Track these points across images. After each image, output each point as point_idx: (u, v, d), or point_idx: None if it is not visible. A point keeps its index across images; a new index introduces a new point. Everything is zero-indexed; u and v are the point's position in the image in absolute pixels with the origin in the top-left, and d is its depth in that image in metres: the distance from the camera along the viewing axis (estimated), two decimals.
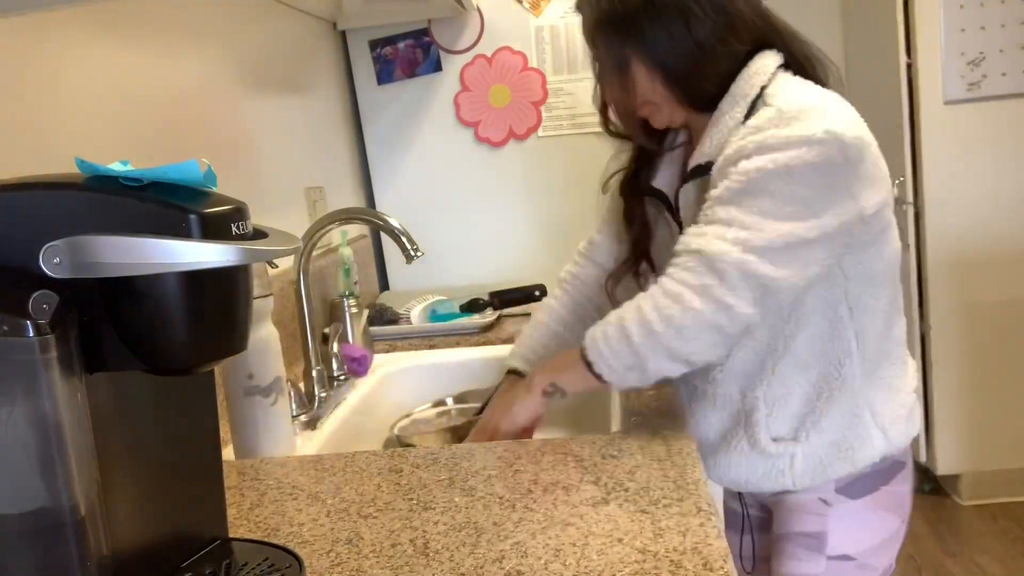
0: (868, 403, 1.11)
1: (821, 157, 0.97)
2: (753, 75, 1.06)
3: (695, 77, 1.08)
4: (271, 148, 1.63)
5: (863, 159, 1.01)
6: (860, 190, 1.01)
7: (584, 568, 0.73)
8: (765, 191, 0.98)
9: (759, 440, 1.12)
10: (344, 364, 1.46)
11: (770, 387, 1.10)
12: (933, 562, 2.56)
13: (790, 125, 0.99)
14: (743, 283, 0.96)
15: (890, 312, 1.13)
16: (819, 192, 0.99)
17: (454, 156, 2.19)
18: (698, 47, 1.05)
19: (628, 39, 1.07)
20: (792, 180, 0.97)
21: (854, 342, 1.09)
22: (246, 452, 1.11)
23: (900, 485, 1.17)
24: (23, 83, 0.97)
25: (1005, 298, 2.75)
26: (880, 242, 1.08)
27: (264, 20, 1.67)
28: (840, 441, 1.11)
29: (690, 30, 1.05)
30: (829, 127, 0.98)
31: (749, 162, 0.99)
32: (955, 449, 2.83)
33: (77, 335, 0.58)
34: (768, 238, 0.96)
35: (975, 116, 2.66)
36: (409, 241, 1.32)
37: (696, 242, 0.99)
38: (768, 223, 0.97)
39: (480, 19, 2.12)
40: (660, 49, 1.06)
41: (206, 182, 0.61)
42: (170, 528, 0.71)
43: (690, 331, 0.97)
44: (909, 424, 1.16)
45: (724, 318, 0.97)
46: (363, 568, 0.77)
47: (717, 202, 1.00)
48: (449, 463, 1.00)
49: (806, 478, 1.12)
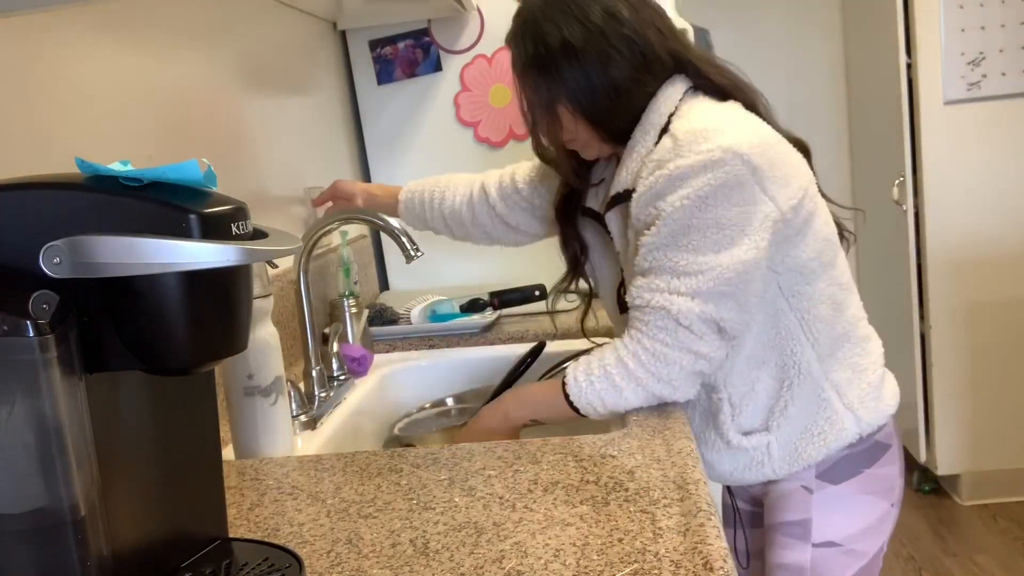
0: (833, 386, 1.15)
1: (728, 176, 1.02)
2: (661, 104, 1.12)
3: (613, 116, 1.14)
4: (271, 148, 1.63)
5: (768, 163, 1.05)
6: (774, 192, 1.05)
7: (584, 568, 0.73)
8: (690, 227, 1.04)
9: (729, 438, 1.16)
10: (344, 364, 1.46)
11: (732, 387, 1.15)
12: (933, 562, 2.56)
13: (690, 151, 1.04)
14: (708, 330, 1.06)
15: (835, 295, 1.15)
16: (739, 210, 1.03)
17: (454, 156, 2.19)
18: (614, 88, 1.11)
19: (552, 82, 1.13)
20: (709, 207, 1.03)
21: (800, 330, 1.13)
22: (246, 452, 1.11)
23: (885, 467, 1.19)
24: (23, 83, 0.97)
25: (1005, 298, 2.75)
26: (805, 232, 1.11)
27: (264, 20, 1.67)
28: (811, 426, 1.15)
29: (608, 72, 1.11)
30: (725, 144, 1.03)
31: (665, 203, 1.05)
32: (955, 449, 2.83)
33: (77, 335, 0.58)
34: (713, 278, 1.03)
35: (975, 116, 2.67)
36: (409, 241, 1.32)
37: (656, 299, 1.06)
38: (707, 260, 1.03)
39: (480, 19, 2.12)
40: (579, 91, 1.12)
41: (206, 182, 0.61)
42: (170, 528, 0.71)
43: (678, 381, 1.08)
44: (880, 402, 1.18)
45: (704, 364, 1.08)
46: (363, 568, 0.77)
47: (655, 248, 1.07)
48: (449, 463, 1.00)
49: (785, 465, 1.16)
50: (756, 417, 1.16)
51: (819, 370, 1.14)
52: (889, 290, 2.90)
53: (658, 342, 1.06)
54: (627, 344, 1.09)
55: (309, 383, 1.34)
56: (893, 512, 1.22)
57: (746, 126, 1.09)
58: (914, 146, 2.71)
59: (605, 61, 1.10)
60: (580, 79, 1.11)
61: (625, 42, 1.10)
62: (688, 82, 1.14)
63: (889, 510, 1.21)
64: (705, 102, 1.13)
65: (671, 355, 1.06)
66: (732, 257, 1.03)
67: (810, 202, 1.11)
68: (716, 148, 1.03)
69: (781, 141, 1.11)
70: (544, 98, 1.15)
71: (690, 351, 1.06)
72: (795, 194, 1.08)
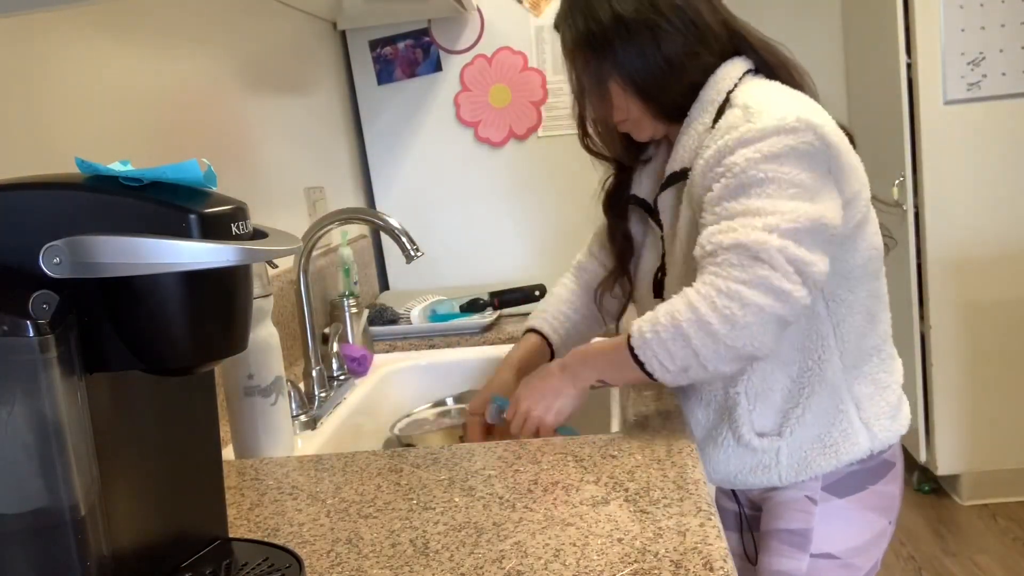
0: (853, 398, 1.12)
1: (800, 142, 0.99)
2: (720, 81, 1.10)
3: (667, 91, 1.11)
4: (271, 148, 1.63)
5: (838, 148, 1.03)
6: (841, 176, 1.04)
7: (584, 568, 0.73)
8: (764, 179, 0.99)
9: (743, 435, 1.13)
10: (344, 364, 1.46)
11: (751, 382, 1.11)
12: (933, 562, 2.56)
13: (760, 118, 1.01)
14: (791, 268, 0.95)
15: (872, 307, 1.14)
16: (812, 175, 1.00)
17: (454, 156, 2.19)
18: (668, 63, 1.09)
19: (603, 59, 1.11)
20: (781, 163, 0.99)
21: (832, 337, 1.10)
22: (246, 452, 1.11)
23: (888, 485, 1.18)
24: (23, 83, 0.97)
25: (1005, 298, 2.75)
26: (856, 236, 1.09)
27: (264, 20, 1.67)
28: (824, 436, 1.12)
29: (660, 47, 1.09)
30: (800, 115, 1.00)
31: (733, 156, 1.00)
32: (955, 449, 2.83)
33: (77, 335, 0.58)
34: (792, 220, 0.96)
35: (975, 116, 2.66)
36: (409, 241, 1.32)
37: (729, 237, 0.96)
38: (784, 204, 0.97)
39: (480, 19, 2.12)
40: (632, 67, 1.10)
41: (206, 182, 0.61)
42: (170, 528, 0.71)
43: (755, 327, 0.95)
44: (895, 422, 1.16)
45: (786, 307, 0.95)
46: (363, 568, 0.77)
47: (723, 199, 1.00)
48: (449, 463, 1.00)
49: (791, 473, 1.14)
50: (770, 419, 1.12)
51: (842, 380, 1.11)
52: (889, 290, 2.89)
53: (733, 280, 0.95)
54: (698, 288, 0.98)
55: (309, 383, 1.34)
56: (890, 530, 1.20)
57: (819, 111, 1.06)
58: (914, 146, 2.71)
59: (657, 34, 1.08)
60: (632, 53, 1.09)
61: (677, 13, 1.08)
62: (748, 63, 1.11)
63: (887, 528, 1.19)
64: (767, 83, 1.10)
65: (748, 295, 0.94)
66: (812, 209, 0.97)
67: (864, 205, 1.08)
68: (791, 115, 0.99)
69: (845, 138, 1.08)
70: (596, 76, 1.13)
71: (770, 289, 0.93)
72: (854, 188, 1.05)
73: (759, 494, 1.23)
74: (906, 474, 1.29)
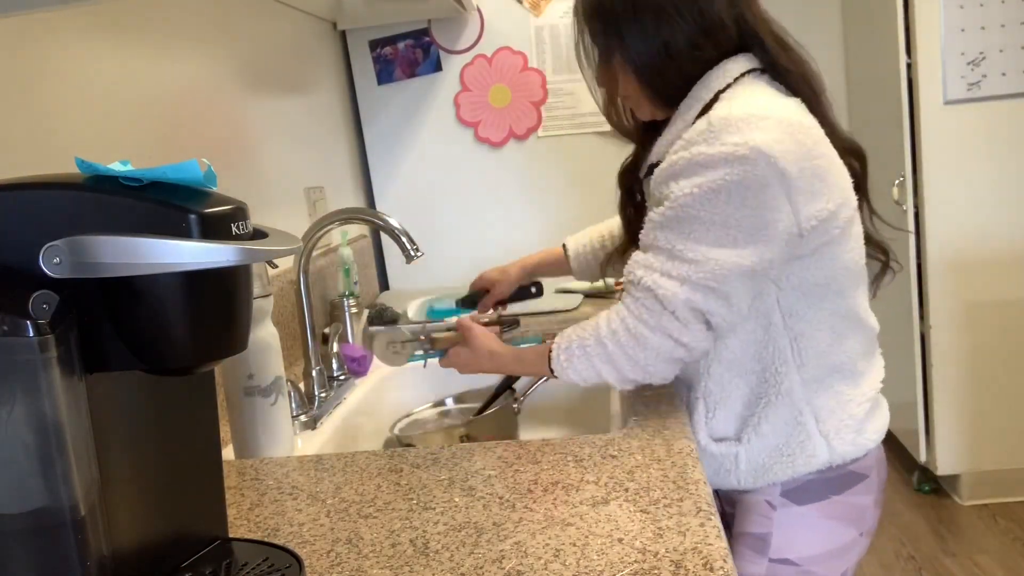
0: (813, 411, 1.11)
1: (747, 175, 0.98)
2: (714, 79, 1.08)
3: (663, 78, 1.11)
4: (271, 148, 1.63)
5: (800, 172, 1.00)
6: (800, 204, 1.01)
7: (584, 568, 0.73)
8: (696, 217, 1.01)
9: (699, 438, 1.15)
10: (344, 364, 1.46)
11: (707, 388, 1.14)
12: (933, 562, 2.56)
13: (716, 140, 1.00)
14: (693, 319, 1.03)
15: (837, 324, 1.11)
16: (751, 213, 0.99)
17: (454, 156, 2.19)
18: (667, 49, 1.08)
19: (610, 33, 1.12)
20: (720, 203, 0.99)
21: (790, 351, 1.10)
22: (246, 452, 1.11)
23: (857, 496, 1.15)
24: (23, 83, 0.97)
25: (1005, 298, 2.75)
26: (822, 254, 1.07)
27: (264, 20, 1.67)
28: (782, 446, 1.12)
29: (661, 33, 1.08)
30: (756, 143, 0.98)
31: (678, 185, 1.02)
32: (955, 449, 2.83)
33: (77, 335, 0.58)
34: (706, 272, 1.00)
35: (975, 116, 2.66)
36: (409, 241, 1.32)
37: (647, 279, 1.04)
38: (703, 251, 1.00)
39: (480, 19, 2.12)
40: (634, 48, 1.10)
41: (206, 182, 0.61)
42: (170, 528, 0.71)
43: (652, 366, 1.06)
44: (860, 435, 1.13)
45: (683, 351, 1.05)
46: (363, 568, 0.77)
47: (657, 227, 1.05)
48: (449, 463, 1.00)
49: (750, 478, 1.14)
50: (728, 425, 1.14)
51: (801, 394, 1.10)
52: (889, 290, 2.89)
53: (641, 323, 1.04)
54: (611, 321, 1.07)
55: (309, 383, 1.34)
56: (862, 542, 1.18)
57: (790, 127, 1.01)
58: (914, 146, 2.71)
59: (662, 19, 1.07)
60: (636, 34, 1.09)
61: (686, 2, 1.06)
62: (753, 62, 1.09)
63: (857, 539, 1.17)
64: (760, 88, 1.07)
65: (651, 339, 1.04)
66: (731, 257, 1.00)
67: (836, 226, 1.05)
68: (743, 144, 0.98)
69: (826, 155, 1.04)
70: (601, 47, 1.14)
71: (670, 337, 1.03)
72: (819, 212, 1.02)
73: (733, 495, 1.23)
74: (906, 474, 1.28)
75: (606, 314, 1.09)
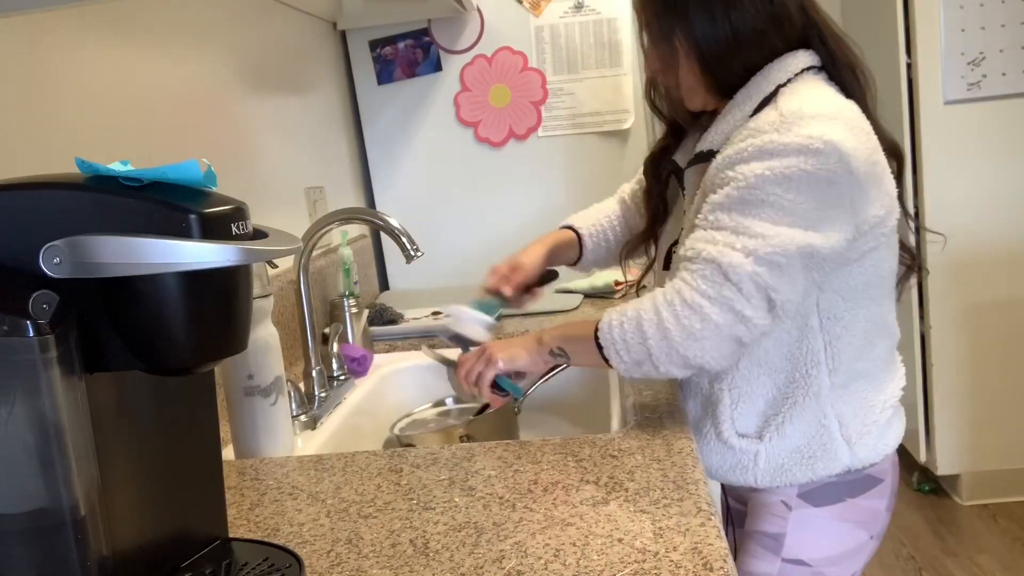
0: (837, 415, 1.11)
1: (819, 168, 0.97)
2: (775, 72, 1.07)
3: (726, 65, 1.08)
4: (271, 148, 1.63)
5: (866, 175, 1.00)
6: (861, 206, 1.01)
7: (584, 568, 0.73)
8: (765, 200, 0.98)
9: (723, 432, 1.13)
10: (344, 364, 1.46)
11: (735, 382, 1.12)
12: (933, 562, 2.56)
13: (790, 131, 0.98)
14: (758, 294, 0.98)
15: (870, 331, 1.12)
16: (821, 205, 0.98)
17: (454, 156, 2.19)
18: (735, 35, 1.06)
19: (674, 15, 1.09)
20: (790, 189, 0.97)
21: (823, 353, 1.09)
22: (246, 452, 1.11)
23: (872, 500, 1.16)
24: (23, 83, 0.97)
25: (1005, 298, 2.75)
26: (867, 260, 1.07)
27: (264, 20, 1.67)
28: (803, 448, 1.12)
29: (730, 18, 1.06)
30: (829, 137, 0.97)
31: (747, 167, 0.99)
32: (955, 449, 2.83)
33: (77, 335, 0.58)
34: (774, 247, 0.97)
35: (975, 116, 2.66)
36: (409, 241, 1.32)
37: (709, 250, 0.99)
38: (772, 229, 0.97)
39: (480, 19, 2.12)
40: (700, 31, 1.07)
41: (206, 182, 0.61)
42: (170, 528, 0.71)
43: (710, 342, 0.99)
44: (880, 440, 1.14)
45: (743, 329, 0.99)
46: (363, 568, 0.77)
47: (720, 208, 1.01)
48: (449, 463, 1.00)
49: (768, 477, 1.14)
50: (752, 422, 1.13)
51: (828, 396, 1.10)
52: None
53: (699, 293, 0.98)
54: (666, 293, 1.02)
55: (309, 383, 1.34)
56: (871, 545, 1.19)
57: (859, 128, 1.02)
58: (914, 146, 2.71)
59: (730, 4, 1.05)
60: (703, 16, 1.06)
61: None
62: (813, 59, 1.08)
63: (868, 542, 1.18)
64: (822, 87, 1.07)
65: (709, 310, 0.98)
66: (800, 237, 0.97)
67: (883, 232, 1.06)
68: (819, 137, 0.97)
69: (881, 162, 1.05)
70: (664, 28, 1.11)
71: (732, 310, 0.98)
72: (874, 217, 1.03)
73: (743, 492, 1.24)
74: (906, 474, 1.29)
75: (661, 290, 1.03)
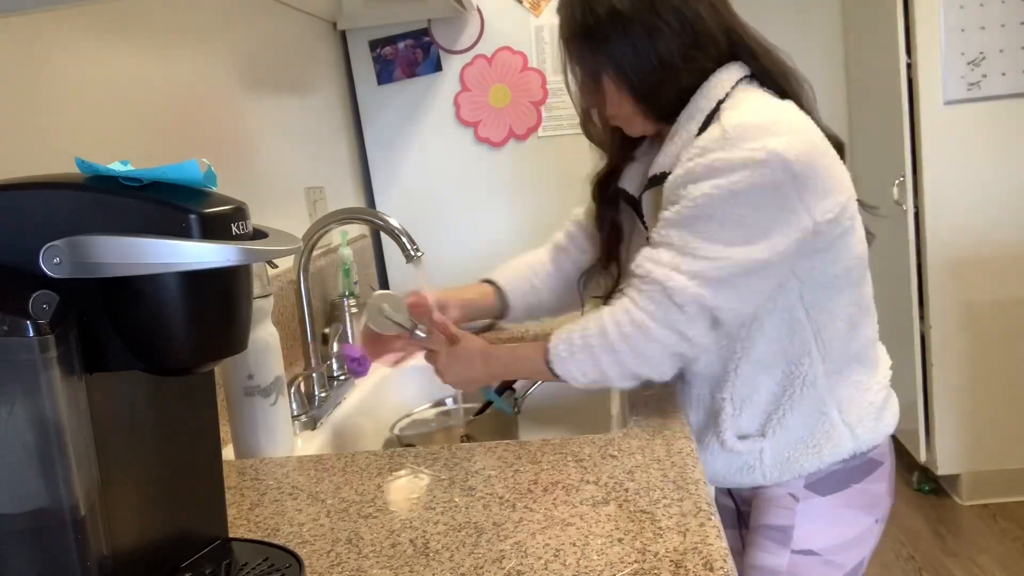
0: (836, 401, 1.14)
1: (765, 178, 1.00)
2: (712, 89, 1.09)
3: (659, 92, 1.11)
4: (271, 148, 1.63)
5: (812, 172, 1.02)
6: (812, 203, 1.03)
7: (584, 568, 0.73)
8: (713, 217, 1.01)
9: (726, 440, 1.15)
10: (344, 364, 1.46)
11: (735, 388, 1.14)
12: (933, 562, 2.56)
13: (734, 146, 1.01)
14: (701, 315, 1.03)
15: (854, 314, 1.14)
16: (767, 213, 1.01)
17: (454, 156, 2.19)
18: (661, 63, 1.08)
19: (598, 52, 1.11)
20: (738, 204, 1.01)
21: (813, 342, 1.12)
22: (246, 452, 1.11)
23: (874, 483, 1.19)
24: (23, 83, 0.97)
25: (1004, 298, 2.75)
26: (838, 246, 1.09)
27: (264, 20, 1.67)
28: (807, 437, 1.14)
29: (655, 46, 1.08)
30: (772, 147, 1.00)
31: (696, 187, 1.03)
32: (955, 449, 2.83)
33: (77, 335, 0.58)
34: (719, 267, 1.01)
35: (975, 116, 2.66)
36: (409, 241, 1.32)
37: (656, 273, 1.04)
38: (718, 249, 1.01)
39: (480, 19, 2.12)
40: (626, 64, 1.09)
41: (206, 182, 0.61)
42: (170, 528, 0.71)
43: (655, 359, 1.06)
44: (879, 422, 1.17)
45: (685, 346, 1.05)
46: (363, 568, 0.77)
47: (670, 224, 1.05)
48: (449, 463, 1.00)
49: (775, 472, 1.16)
50: (753, 421, 1.15)
51: (824, 385, 1.13)
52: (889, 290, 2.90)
53: (646, 314, 1.04)
54: (614, 312, 1.07)
55: (309, 383, 1.34)
56: (877, 528, 1.21)
57: (799, 130, 1.05)
58: (914, 146, 2.71)
59: (653, 33, 1.07)
60: (627, 50, 1.08)
61: (675, 15, 1.07)
62: (744, 70, 1.11)
63: (873, 526, 1.20)
64: (760, 95, 1.09)
65: (654, 331, 1.04)
66: (744, 253, 1.01)
67: (847, 219, 1.08)
68: (761, 148, 1.00)
69: (830, 152, 1.07)
70: (590, 68, 1.13)
71: (675, 330, 1.03)
72: (832, 208, 1.05)
73: (748, 492, 1.25)
74: (906, 474, 1.29)
75: (608, 309, 1.09)
